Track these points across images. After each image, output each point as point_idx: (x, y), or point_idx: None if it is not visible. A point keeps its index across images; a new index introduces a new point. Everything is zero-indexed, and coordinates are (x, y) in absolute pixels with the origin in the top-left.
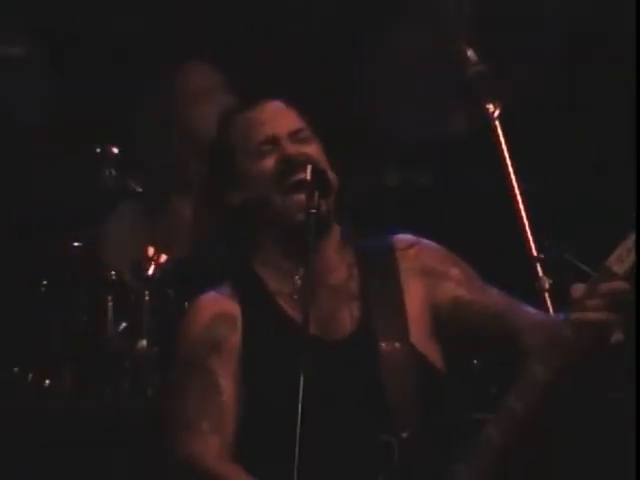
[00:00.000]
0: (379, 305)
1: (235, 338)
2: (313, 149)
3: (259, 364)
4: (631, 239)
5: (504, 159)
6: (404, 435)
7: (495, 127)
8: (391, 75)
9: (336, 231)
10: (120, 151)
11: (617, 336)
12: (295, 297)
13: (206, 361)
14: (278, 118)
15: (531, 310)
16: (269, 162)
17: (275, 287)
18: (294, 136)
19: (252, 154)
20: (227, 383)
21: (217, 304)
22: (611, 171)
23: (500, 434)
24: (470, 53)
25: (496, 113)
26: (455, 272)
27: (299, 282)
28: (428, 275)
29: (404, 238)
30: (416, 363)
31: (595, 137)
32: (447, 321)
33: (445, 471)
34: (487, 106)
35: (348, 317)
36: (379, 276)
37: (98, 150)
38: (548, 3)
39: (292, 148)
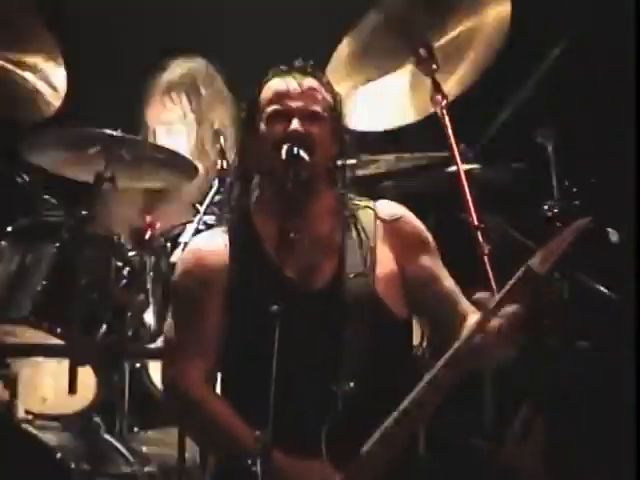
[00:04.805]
0: (354, 260)
1: (222, 275)
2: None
3: (240, 302)
4: (558, 241)
5: (450, 144)
6: (350, 385)
7: (443, 115)
8: None
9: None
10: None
11: None
12: (285, 245)
13: (195, 293)
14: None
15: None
16: (278, 128)
17: (266, 233)
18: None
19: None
20: (213, 312)
21: (208, 247)
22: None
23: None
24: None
25: (443, 103)
26: (425, 259)
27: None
28: (401, 251)
29: (389, 208)
30: (381, 317)
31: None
32: (408, 291)
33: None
34: (436, 97)
35: (327, 269)
36: (359, 232)
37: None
38: None
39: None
